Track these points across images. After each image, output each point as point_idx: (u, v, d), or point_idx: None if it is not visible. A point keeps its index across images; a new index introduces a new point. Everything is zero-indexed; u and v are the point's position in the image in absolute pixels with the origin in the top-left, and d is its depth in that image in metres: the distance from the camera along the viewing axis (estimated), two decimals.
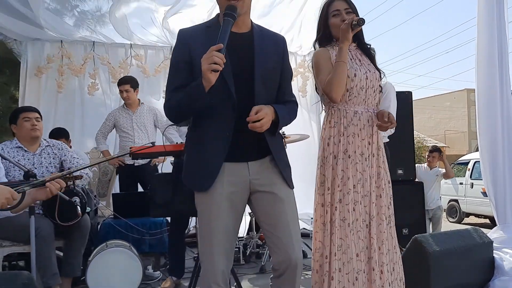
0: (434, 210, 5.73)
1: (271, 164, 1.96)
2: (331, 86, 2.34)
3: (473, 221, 10.15)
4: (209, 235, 1.90)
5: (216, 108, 1.86)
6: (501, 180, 3.51)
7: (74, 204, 3.04)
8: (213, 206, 1.88)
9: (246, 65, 1.88)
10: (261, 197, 1.95)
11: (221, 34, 1.74)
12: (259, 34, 1.98)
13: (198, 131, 1.95)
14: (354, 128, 2.40)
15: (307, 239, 4.66)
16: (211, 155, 1.88)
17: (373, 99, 2.47)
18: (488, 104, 3.59)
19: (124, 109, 4.63)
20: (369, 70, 2.45)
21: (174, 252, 3.56)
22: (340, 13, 2.42)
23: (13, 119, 3.36)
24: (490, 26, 3.58)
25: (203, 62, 1.69)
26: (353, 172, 2.37)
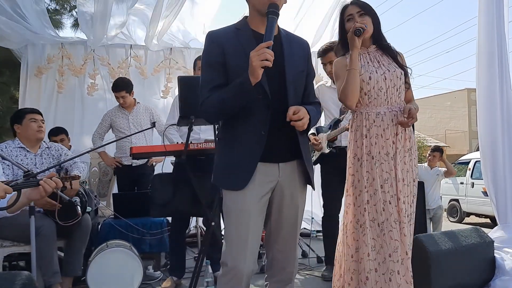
0: (435, 209, 5.73)
1: (298, 168, 2.00)
2: (344, 94, 2.43)
3: (473, 220, 10.15)
4: (239, 235, 1.89)
5: (250, 108, 1.87)
6: (502, 179, 3.50)
7: (74, 204, 3.05)
8: (246, 206, 1.88)
9: (277, 66, 1.90)
10: (280, 197, 1.98)
11: (268, 31, 1.78)
12: (286, 37, 2.02)
13: (231, 131, 1.95)
14: (377, 129, 2.44)
15: (307, 238, 4.66)
16: (246, 154, 1.89)
17: (397, 98, 2.48)
18: (488, 103, 3.59)
19: (120, 109, 4.61)
20: (389, 69, 2.48)
21: (174, 252, 3.56)
22: (353, 17, 2.47)
23: (17, 119, 3.37)
24: (490, 25, 3.58)
25: (253, 58, 1.71)
26: (379, 172, 2.40)
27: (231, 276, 1.89)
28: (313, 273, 3.87)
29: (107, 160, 4.59)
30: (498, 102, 3.55)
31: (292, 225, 2.01)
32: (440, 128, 28.16)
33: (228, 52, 1.88)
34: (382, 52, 2.55)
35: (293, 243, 2.05)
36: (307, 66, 2.07)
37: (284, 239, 2.02)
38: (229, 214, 1.94)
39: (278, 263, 2.05)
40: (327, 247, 3.78)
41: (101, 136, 4.65)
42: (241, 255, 1.87)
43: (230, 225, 1.93)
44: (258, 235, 1.95)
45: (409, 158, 2.47)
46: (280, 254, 2.04)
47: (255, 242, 1.92)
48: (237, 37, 1.91)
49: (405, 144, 2.47)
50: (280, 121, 1.85)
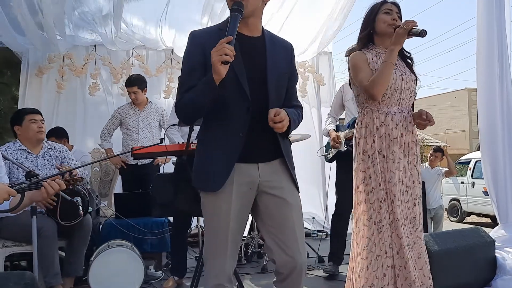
0: (436, 209, 5.74)
1: (281, 167, 1.97)
2: (374, 84, 2.41)
3: (474, 220, 10.15)
4: (215, 235, 1.89)
5: (229, 109, 1.86)
6: (502, 179, 3.51)
7: (76, 204, 3.05)
8: (222, 206, 1.87)
9: (258, 68, 1.89)
10: (269, 199, 1.94)
11: (230, 27, 1.77)
12: (270, 39, 2.01)
13: (210, 132, 1.95)
14: (386, 128, 2.46)
15: (308, 238, 4.67)
16: (223, 155, 1.87)
17: (408, 101, 2.53)
18: (488, 103, 3.59)
19: (132, 107, 4.60)
20: (405, 72, 2.52)
21: (176, 252, 3.57)
22: (392, 13, 2.51)
23: (17, 120, 3.36)
24: (489, 25, 3.58)
25: (213, 54, 1.70)
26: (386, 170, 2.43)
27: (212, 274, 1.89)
28: (315, 273, 3.87)
29: (113, 159, 4.57)
30: (498, 101, 3.55)
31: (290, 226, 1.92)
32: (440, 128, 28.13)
33: (208, 52, 1.83)
34: (399, 56, 2.57)
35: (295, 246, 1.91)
36: (290, 68, 2.05)
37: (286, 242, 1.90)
38: (207, 217, 1.94)
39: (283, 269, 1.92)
40: (333, 245, 3.78)
41: (110, 133, 4.63)
42: (220, 255, 1.88)
43: (209, 228, 1.93)
44: (236, 235, 1.92)
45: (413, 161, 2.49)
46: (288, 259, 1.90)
47: (234, 242, 1.91)
48: (218, 37, 1.85)
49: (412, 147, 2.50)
50: (260, 123, 1.84)
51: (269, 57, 1.94)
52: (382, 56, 2.50)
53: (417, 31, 2.36)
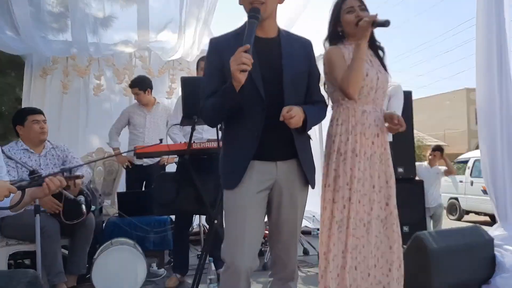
0: (435, 208, 5.77)
1: (297, 167, 2.03)
2: (348, 82, 2.32)
3: (473, 218, 10.19)
4: (237, 232, 1.94)
5: (246, 110, 1.92)
6: (501, 177, 3.52)
7: (79, 203, 3.08)
8: (242, 203, 1.94)
9: (275, 68, 1.93)
10: (279, 197, 2.02)
11: (247, 35, 1.80)
12: (286, 38, 2.04)
13: (230, 132, 2.03)
14: (361, 127, 2.40)
15: (309, 236, 4.70)
16: (240, 154, 1.94)
17: (382, 100, 2.48)
18: (487, 102, 3.61)
19: (139, 107, 4.64)
20: (380, 71, 2.46)
21: (178, 250, 3.60)
22: (354, 10, 2.41)
23: (19, 120, 3.37)
24: (489, 25, 3.60)
25: (232, 63, 1.75)
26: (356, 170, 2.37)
27: (230, 272, 1.94)
28: (315, 270, 3.90)
29: (120, 159, 4.60)
30: (497, 101, 3.57)
31: (292, 226, 2.07)
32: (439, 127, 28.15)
33: (226, 58, 1.88)
34: (373, 52, 2.52)
35: (293, 243, 2.12)
36: (309, 66, 2.08)
37: (285, 239, 2.08)
38: (227, 212, 2.01)
39: (280, 261, 2.12)
40: None
41: (118, 131, 4.66)
42: (238, 251, 1.92)
43: (228, 223, 2.00)
44: (257, 232, 1.99)
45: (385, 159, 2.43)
46: (282, 253, 2.11)
47: (253, 239, 1.96)
48: (236, 41, 1.91)
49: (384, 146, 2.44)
50: (277, 122, 1.88)
51: (285, 57, 1.98)
52: None
53: (381, 21, 2.25)
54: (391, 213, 2.41)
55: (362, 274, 2.36)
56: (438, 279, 2.81)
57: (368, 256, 2.38)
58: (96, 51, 5.19)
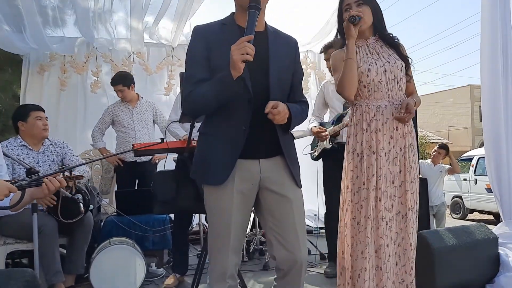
0: (438, 206, 5.72)
1: (282, 163, 1.97)
2: (342, 85, 2.37)
3: (477, 217, 10.14)
4: (218, 230, 1.91)
5: (232, 103, 1.86)
6: (506, 175, 3.49)
7: (77, 202, 3.05)
8: (225, 201, 1.88)
9: (261, 62, 1.88)
10: (270, 195, 1.95)
11: (249, 25, 1.77)
12: (273, 34, 2.00)
13: (212, 125, 1.95)
14: (376, 123, 2.38)
15: (310, 235, 4.66)
16: (226, 149, 1.88)
17: (398, 91, 2.42)
18: (492, 99, 3.57)
19: (123, 104, 4.55)
20: (389, 61, 2.40)
21: (177, 249, 3.56)
22: (350, 7, 2.40)
23: (21, 116, 3.35)
24: (493, 21, 3.56)
25: (234, 52, 1.71)
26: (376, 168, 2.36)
27: (216, 269, 1.92)
28: (316, 270, 3.86)
29: (109, 158, 4.52)
30: (502, 98, 3.53)
31: (290, 222, 1.93)
32: (443, 125, 28.11)
33: (212, 47, 1.87)
34: (383, 43, 2.48)
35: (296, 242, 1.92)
36: (294, 63, 2.05)
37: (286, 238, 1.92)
38: (210, 211, 1.95)
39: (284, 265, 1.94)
40: (330, 244, 3.78)
41: (102, 132, 4.57)
42: (223, 251, 1.89)
43: (211, 221, 1.95)
44: (241, 229, 1.94)
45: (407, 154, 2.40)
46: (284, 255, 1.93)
47: (237, 237, 1.91)
48: (222, 32, 1.90)
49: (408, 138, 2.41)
50: (262, 117, 1.83)
51: (271, 52, 1.94)
52: (361, 48, 2.44)
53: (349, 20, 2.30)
54: (411, 208, 2.38)
55: (388, 274, 2.35)
56: (441, 277, 2.78)
57: (392, 255, 2.37)
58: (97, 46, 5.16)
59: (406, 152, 2.40)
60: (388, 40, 2.48)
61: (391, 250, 2.37)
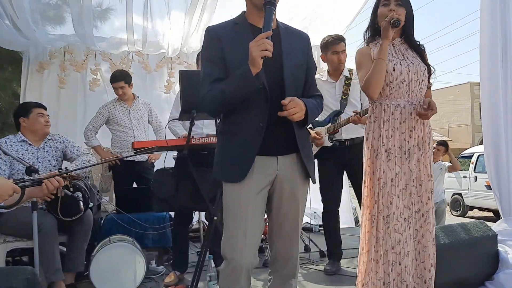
0: (438, 203, 5.73)
1: (298, 160, 1.99)
2: (368, 83, 2.41)
3: (476, 214, 10.15)
4: (237, 227, 1.91)
5: (249, 101, 1.88)
6: (505, 173, 3.49)
7: (77, 199, 3.05)
8: (244, 197, 1.90)
9: (275, 59, 1.90)
10: (280, 191, 1.99)
11: (266, 22, 1.79)
12: (285, 31, 2.02)
13: (230, 124, 1.97)
14: (394, 122, 2.43)
15: (309, 233, 4.66)
16: (244, 146, 1.90)
17: (418, 92, 2.47)
18: (491, 96, 3.57)
19: (120, 102, 4.53)
20: (413, 63, 2.46)
21: (177, 247, 3.57)
22: (389, 3, 2.44)
23: (23, 112, 3.36)
24: (493, 18, 3.55)
25: (253, 48, 1.73)
26: (392, 166, 2.41)
27: (231, 269, 1.92)
28: (316, 267, 3.87)
29: (104, 156, 4.46)
30: (501, 95, 3.52)
31: (293, 220, 2.03)
32: (443, 122, 28.10)
33: (226, 46, 1.89)
34: (407, 45, 2.54)
35: (295, 237, 2.07)
36: (307, 59, 2.06)
37: (286, 233, 2.03)
38: (228, 207, 1.96)
39: (281, 257, 2.07)
40: (328, 242, 3.79)
41: (96, 130, 4.52)
42: (239, 248, 1.89)
43: (228, 218, 1.95)
44: (258, 228, 1.96)
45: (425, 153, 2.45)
46: (283, 249, 2.06)
47: (254, 235, 1.93)
48: (235, 31, 1.93)
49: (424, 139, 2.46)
50: (278, 115, 1.85)
51: (284, 48, 1.95)
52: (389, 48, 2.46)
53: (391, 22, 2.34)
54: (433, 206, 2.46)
55: (407, 268, 2.41)
56: (441, 274, 2.77)
57: (411, 250, 2.42)
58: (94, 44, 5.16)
59: (426, 152, 2.46)
60: (413, 45, 2.54)
61: (409, 246, 2.41)
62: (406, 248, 2.40)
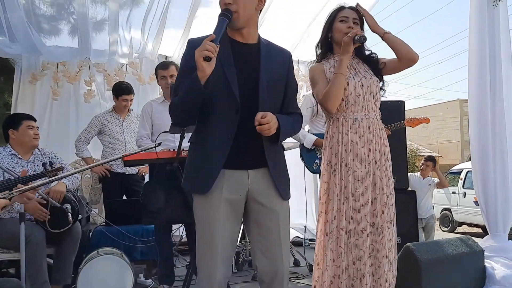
0: (427, 219, 5.76)
1: (270, 175, 1.97)
2: (327, 97, 2.40)
3: (465, 230, 10.20)
4: (206, 240, 1.90)
5: (219, 112, 1.89)
6: (492, 189, 3.53)
7: (66, 211, 3.04)
8: (212, 209, 1.89)
9: (252, 73, 1.91)
10: (257, 207, 1.96)
11: (215, 28, 1.81)
12: (266, 46, 2.03)
13: (200, 134, 1.97)
14: (352, 136, 2.42)
15: (300, 247, 4.66)
16: (211, 157, 1.90)
17: (374, 105, 2.49)
18: (479, 114, 3.63)
19: (113, 114, 4.52)
20: (365, 76, 2.48)
21: (162, 260, 3.52)
22: (348, 20, 2.47)
23: (12, 124, 3.35)
24: (481, 37, 3.63)
25: (196, 51, 1.74)
26: (351, 180, 2.39)
27: (204, 282, 1.89)
28: (305, 282, 3.86)
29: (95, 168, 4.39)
30: (489, 112, 3.59)
31: (275, 235, 1.96)
32: (432, 138, 28.34)
33: None
34: (359, 59, 2.57)
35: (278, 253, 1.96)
36: (286, 75, 2.06)
37: (268, 250, 1.95)
38: (197, 219, 1.95)
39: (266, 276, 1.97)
40: None
41: (87, 141, 4.48)
42: (210, 261, 1.88)
43: (199, 231, 1.94)
44: (229, 240, 1.93)
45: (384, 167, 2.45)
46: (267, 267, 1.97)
47: (225, 247, 1.90)
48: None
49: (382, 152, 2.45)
50: (250, 128, 1.85)
51: (263, 63, 1.96)
52: None
53: (357, 39, 2.36)
54: (390, 220, 2.41)
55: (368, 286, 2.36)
56: None
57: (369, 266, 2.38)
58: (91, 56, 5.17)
59: (383, 165, 2.45)
60: (364, 58, 2.56)
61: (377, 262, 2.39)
62: (368, 264, 2.37)
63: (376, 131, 2.45)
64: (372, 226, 2.40)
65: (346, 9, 2.52)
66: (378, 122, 2.48)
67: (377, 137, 2.44)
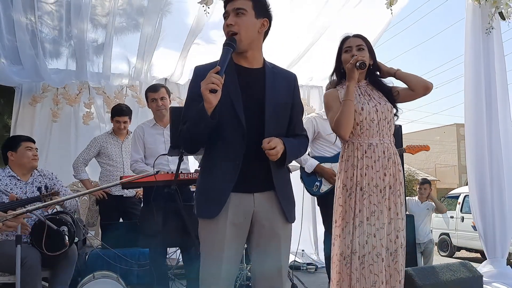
0: (426, 243, 5.71)
1: (275, 198, 1.99)
2: (339, 123, 2.47)
3: (464, 255, 10.11)
4: (210, 262, 1.92)
5: (226, 137, 1.92)
6: (490, 214, 3.53)
7: (62, 234, 3.01)
8: (218, 233, 1.90)
9: (257, 98, 1.94)
10: (260, 230, 1.97)
11: (220, 59, 1.85)
12: (271, 70, 2.06)
13: (208, 159, 2.00)
14: (367, 160, 2.45)
15: (297, 271, 4.62)
16: (219, 183, 1.92)
17: (388, 130, 2.53)
18: (476, 138, 3.66)
19: (113, 136, 4.55)
20: (380, 102, 2.54)
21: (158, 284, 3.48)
22: (351, 50, 2.55)
23: (12, 146, 3.37)
24: (477, 62, 3.69)
25: (202, 84, 1.78)
26: (367, 204, 2.41)
27: None
28: None
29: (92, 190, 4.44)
30: (485, 137, 3.62)
31: (275, 259, 1.98)
32: (430, 162, 28.36)
33: None
34: (373, 86, 2.62)
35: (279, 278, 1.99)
36: (292, 98, 2.09)
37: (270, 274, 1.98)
38: (203, 243, 1.97)
39: None
40: None
41: (86, 162, 4.49)
42: (214, 284, 1.90)
43: (203, 252, 1.96)
44: (234, 260, 1.95)
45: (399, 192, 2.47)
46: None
47: (229, 269, 1.93)
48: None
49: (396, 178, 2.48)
50: (256, 152, 1.88)
51: (268, 88, 1.99)
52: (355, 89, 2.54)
53: (358, 65, 2.45)
54: (401, 245, 2.43)
55: None
56: None
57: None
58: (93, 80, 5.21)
59: (398, 190, 2.48)
60: (378, 85, 2.63)
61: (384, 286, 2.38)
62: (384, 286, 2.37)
63: (390, 156, 2.49)
64: (386, 251, 2.41)
65: (350, 39, 2.61)
66: (392, 147, 2.52)
67: (391, 162, 2.48)
